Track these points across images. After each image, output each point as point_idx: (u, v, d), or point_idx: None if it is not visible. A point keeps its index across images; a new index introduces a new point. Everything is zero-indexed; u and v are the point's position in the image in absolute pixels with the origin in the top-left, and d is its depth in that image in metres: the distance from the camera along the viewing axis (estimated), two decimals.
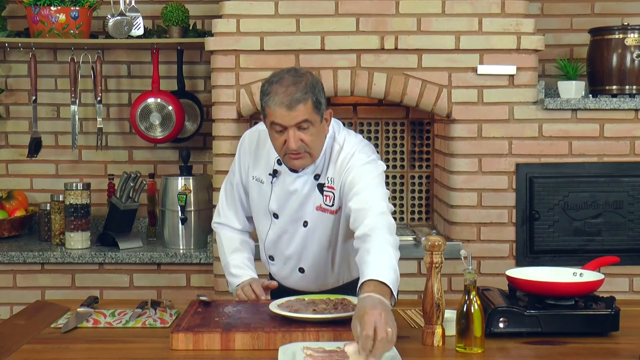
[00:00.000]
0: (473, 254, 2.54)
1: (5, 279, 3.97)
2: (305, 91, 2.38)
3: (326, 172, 2.55)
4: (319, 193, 2.55)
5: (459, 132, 3.70)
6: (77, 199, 3.97)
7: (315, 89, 2.41)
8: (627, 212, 3.74)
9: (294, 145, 2.40)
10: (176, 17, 4.09)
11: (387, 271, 2.19)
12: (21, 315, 2.58)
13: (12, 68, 4.39)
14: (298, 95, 2.36)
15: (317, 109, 2.41)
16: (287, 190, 2.57)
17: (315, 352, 2.03)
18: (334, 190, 2.54)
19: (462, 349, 2.12)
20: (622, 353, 2.14)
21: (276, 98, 2.37)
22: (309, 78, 2.42)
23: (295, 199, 2.57)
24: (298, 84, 2.38)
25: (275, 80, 2.41)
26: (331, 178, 2.54)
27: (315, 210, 2.57)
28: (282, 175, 2.57)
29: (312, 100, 2.39)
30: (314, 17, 3.67)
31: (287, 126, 2.39)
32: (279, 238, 2.64)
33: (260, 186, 2.62)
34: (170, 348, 2.18)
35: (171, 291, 3.94)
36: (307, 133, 2.41)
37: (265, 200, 2.62)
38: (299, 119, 2.38)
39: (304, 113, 2.38)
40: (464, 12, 3.66)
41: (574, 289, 2.32)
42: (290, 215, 2.59)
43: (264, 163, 2.62)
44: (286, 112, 2.37)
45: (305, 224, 2.59)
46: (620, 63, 3.77)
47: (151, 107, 4.17)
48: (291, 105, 2.36)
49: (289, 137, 2.40)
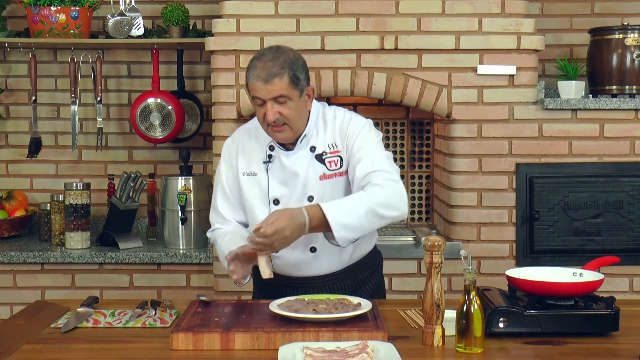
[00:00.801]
0: (473, 254, 2.54)
1: (5, 279, 3.97)
2: (282, 66, 2.50)
3: (324, 140, 2.63)
4: (319, 163, 2.62)
5: (459, 132, 3.70)
6: (77, 199, 3.97)
7: (294, 65, 2.52)
8: (627, 212, 3.74)
9: (271, 117, 2.51)
10: (176, 17, 4.09)
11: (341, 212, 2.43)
12: (21, 315, 2.58)
13: (12, 68, 4.39)
14: (275, 70, 2.49)
15: (295, 84, 2.52)
16: (285, 171, 2.62)
17: (315, 352, 2.03)
18: (340, 153, 2.63)
19: (462, 349, 2.12)
20: (622, 353, 2.14)
21: (255, 72, 2.51)
22: (290, 55, 2.55)
23: (297, 177, 2.61)
24: (276, 60, 2.51)
25: (257, 57, 2.54)
26: (332, 143, 2.64)
27: (319, 181, 2.61)
28: (278, 158, 2.63)
29: (288, 75, 2.50)
30: (314, 17, 3.67)
31: (264, 99, 2.50)
32: None
33: (254, 179, 2.66)
34: (170, 348, 2.18)
35: (171, 291, 3.94)
36: (285, 107, 2.52)
37: (262, 190, 2.64)
38: (275, 93, 2.49)
39: (280, 87, 2.49)
40: (464, 12, 3.66)
41: (574, 289, 2.32)
42: (293, 196, 2.61)
43: (255, 155, 2.67)
44: (263, 86, 2.49)
45: (310, 199, 2.61)
46: (620, 63, 3.77)
47: (151, 107, 4.17)
48: (267, 79, 2.48)
49: (267, 109, 2.51)
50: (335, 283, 2.68)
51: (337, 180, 2.63)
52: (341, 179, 2.63)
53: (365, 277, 2.75)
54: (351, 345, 2.10)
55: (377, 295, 2.77)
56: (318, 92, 3.68)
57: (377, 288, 2.82)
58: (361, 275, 2.74)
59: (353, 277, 2.71)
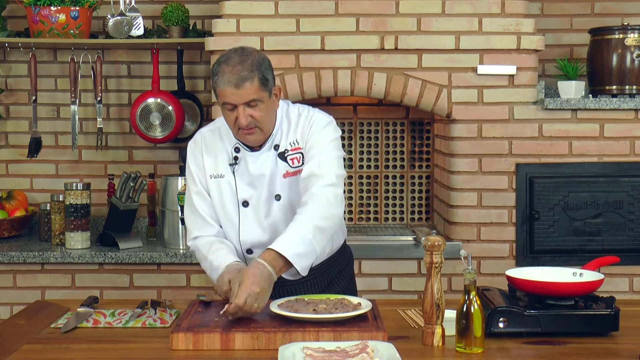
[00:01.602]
0: (473, 254, 2.55)
1: (5, 279, 3.97)
2: (252, 69, 2.46)
3: (286, 138, 2.62)
4: (282, 161, 2.61)
5: (459, 132, 3.71)
6: (77, 199, 3.97)
7: (261, 66, 2.49)
8: (627, 212, 3.74)
9: (244, 121, 2.49)
10: (176, 17, 4.09)
11: (293, 244, 2.39)
12: (21, 315, 2.58)
13: (12, 68, 4.39)
14: (244, 74, 2.45)
15: (264, 86, 2.49)
16: (252, 172, 2.60)
17: (315, 352, 2.03)
18: (301, 150, 2.61)
19: (462, 349, 2.12)
20: (622, 353, 2.14)
21: (224, 77, 2.46)
22: (255, 56, 2.51)
23: (263, 177, 2.60)
24: (244, 63, 2.47)
25: (223, 60, 2.50)
26: (294, 141, 2.62)
27: (283, 179, 2.60)
28: (244, 159, 2.61)
29: (258, 77, 2.47)
30: (314, 17, 3.67)
31: (236, 104, 2.48)
32: (254, 224, 2.62)
33: (221, 182, 2.64)
34: (170, 348, 2.18)
35: (171, 291, 3.94)
36: (257, 109, 2.49)
37: (230, 192, 2.62)
38: (247, 98, 2.47)
39: (251, 91, 2.46)
40: (464, 12, 3.66)
41: (574, 289, 2.32)
42: (261, 196, 2.60)
43: (221, 157, 2.65)
44: (234, 91, 2.46)
45: (278, 198, 2.60)
46: (620, 63, 3.77)
47: (151, 107, 4.17)
48: (238, 84, 2.45)
49: (239, 114, 2.49)
50: (309, 280, 2.66)
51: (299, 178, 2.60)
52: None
53: (337, 273, 2.76)
54: (351, 345, 2.10)
55: (350, 292, 2.76)
56: (318, 92, 3.68)
57: (349, 284, 2.82)
58: (333, 271, 2.74)
59: (326, 274, 2.71)
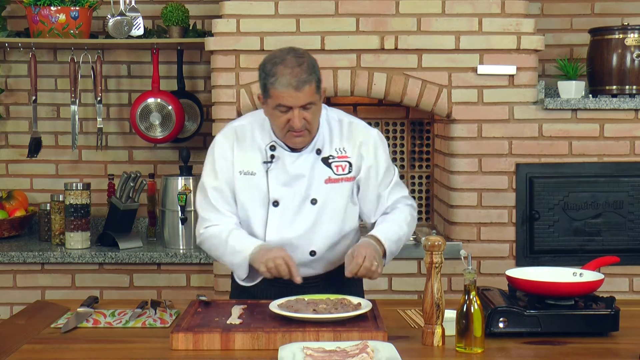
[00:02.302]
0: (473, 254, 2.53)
1: (5, 279, 3.97)
2: (310, 72, 2.46)
3: (330, 144, 2.61)
4: (326, 167, 2.60)
5: (459, 132, 3.70)
6: (77, 199, 3.97)
7: (315, 68, 2.50)
8: (627, 212, 3.74)
9: (299, 124, 2.47)
10: (176, 17, 4.09)
11: (392, 240, 2.58)
12: (21, 315, 2.58)
13: (12, 68, 4.39)
14: (304, 77, 2.44)
15: (319, 89, 2.50)
16: (289, 172, 2.58)
17: (315, 352, 2.03)
18: (349, 159, 2.62)
19: (462, 349, 2.12)
20: (622, 353, 2.14)
21: (283, 79, 2.43)
22: (309, 58, 2.51)
23: (301, 179, 2.58)
24: (302, 65, 2.45)
25: (279, 62, 2.46)
26: (341, 148, 2.62)
27: (324, 184, 2.59)
28: (281, 159, 2.59)
29: (315, 80, 2.47)
30: (314, 17, 3.67)
31: (293, 107, 2.45)
32: (283, 224, 2.60)
33: (251, 179, 2.60)
34: (170, 348, 2.18)
35: (171, 291, 3.94)
36: (310, 112, 2.49)
37: (260, 191, 2.60)
38: (304, 101, 2.45)
39: (309, 94, 2.46)
40: (464, 12, 3.66)
41: (574, 289, 2.32)
42: (295, 197, 2.59)
43: (253, 154, 2.61)
44: (294, 94, 2.43)
45: (313, 202, 2.59)
46: (620, 63, 3.77)
47: (151, 107, 4.18)
48: (298, 87, 2.43)
49: (293, 116, 2.46)
50: (322, 282, 2.66)
51: (343, 185, 2.62)
52: (348, 184, 2.62)
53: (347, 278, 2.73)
54: (351, 345, 2.10)
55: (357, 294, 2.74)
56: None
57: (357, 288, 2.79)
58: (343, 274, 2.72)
59: (339, 278, 2.69)
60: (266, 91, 2.48)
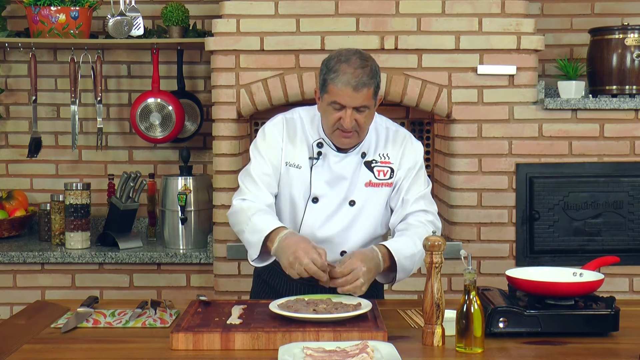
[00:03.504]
0: (473, 254, 2.53)
1: (5, 279, 3.97)
2: (371, 76, 2.47)
3: (375, 149, 2.64)
4: (368, 170, 2.62)
5: (459, 132, 3.71)
6: (77, 199, 3.97)
7: (377, 74, 2.52)
8: (627, 212, 3.74)
9: (349, 124, 2.48)
10: (176, 17, 4.09)
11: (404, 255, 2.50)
12: (21, 315, 2.58)
13: (12, 68, 4.39)
14: (365, 79, 2.45)
15: (375, 94, 2.51)
16: (332, 171, 2.60)
17: (315, 352, 2.03)
18: (391, 165, 2.64)
19: (462, 349, 2.12)
20: (622, 353, 2.14)
21: (343, 77, 2.44)
22: (374, 63, 2.52)
23: (343, 180, 2.60)
24: (365, 68, 2.47)
25: (343, 60, 2.48)
26: (385, 154, 2.64)
27: (364, 187, 2.61)
28: (327, 157, 2.61)
29: (374, 85, 2.48)
30: (314, 17, 3.67)
31: (347, 106, 2.46)
32: (319, 222, 2.61)
33: (296, 172, 2.61)
34: (170, 348, 2.18)
35: (171, 291, 3.94)
36: (362, 115, 2.50)
37: (303, 185, 2.61)
38: (359, 102, 2.46)
39: (366, 97, 2.47)
40: (464, 12, 3.66)
41: (574, 289, 2.32)
42: (335, 197, 2.60)
43: (301, 147, 2.62)
44: (351, 93, 2.44)
45: (352, 203, 2.61)
46: (620, 63, 3.77)
47: (151, 107, 4.17)
48: (357, 88, 2.44)
49: (345, 116, 2.47)
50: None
51: (383, 190, 2.64)
52: (387, 189, 2.65)
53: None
54: (351, 345, 2.10)
55: (377, 296, 2.75)
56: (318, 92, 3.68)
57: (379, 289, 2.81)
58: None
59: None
60: (325, 86, 2.49)
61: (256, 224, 2.52)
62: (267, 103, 3.71)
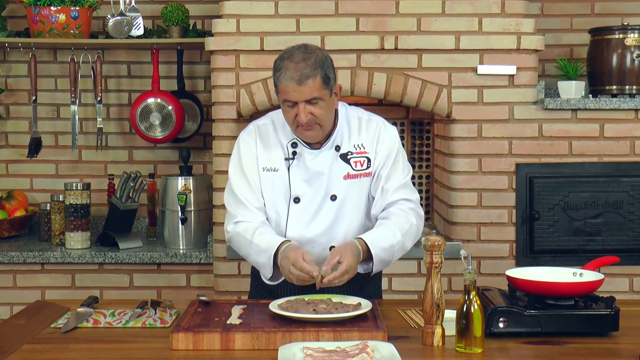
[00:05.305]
0: (473, 254, 2.55)
1: (5, 279, 3.97)
2: (315, 67, 2.47)
3: (349, 141, 2.64)
4: (344, 163, 2.63)
5: (459, 132, 3.71)
6: (77, 199, 3.97)
7: (324, 64, 2.51)
8: (627, 212, 3.74)
9: (304, 119, 2.50)
10: (176, 17, 4.09)
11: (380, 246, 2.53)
12: (21, 315, 2.58)
13: (12, 68, 4.39)
14: (307, 71, 2.46)
15: (326, 84, 2.50)
16: (309, 169, 2.61)
17: (315, 352, 2.03)
18: (367, 155, 2.64)
19: (462, 349, 2.12)
20: (622, 353, 2.14)
21: (287, 73, 2.47)
22: (319, 54, 2.52)
23: (321, 176, 2.61)
24: (308, 60, 2.48)
25: (286, 57, 2.51)
26: (359, 144, 2.65)
27: (343, 180, 2.62)
28: (302, 156, 2.62)
29: (320, 75, 2.48)
30: (314, 17, 3.67)
31: (297, 101, 2.48)
32: (303, 221, 2.63)
33: (273, 175, 2.63)
34: (170, 348, 2.18)
35: (171, 291, 3.94)
36: (317, 107, 2.50)
37: (282, 187, 2.63)
38: (308, 95, 2.47)
39: (313, 89, 2.47)
40: (464, 12, 3.66)
41: (574, 289, 2.32)
42: (315, 194, 2.61)
43: (276, 151, 2.64)
44: (296, 87, 2.46)
45: (333, 198, 2.62)
46: (620, 63, 3.77)
47: (151, 107, 4.17)
48: (301, 81, 2.45)
49: (299, 111, 2.49)
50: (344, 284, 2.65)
51: (362, 180, 2.65)
52: (366, 179, 2.66)
53: (368, 278, 2.74)
54: (351, 345, 2.10)
55: (375, 296, 2.76)
56: None
57: (377, 289, 2.82)
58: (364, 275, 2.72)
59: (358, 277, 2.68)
60: (276, 87, 2.54)
61: (259, 245, 2.57)
62: (267, 103, 3.71)
